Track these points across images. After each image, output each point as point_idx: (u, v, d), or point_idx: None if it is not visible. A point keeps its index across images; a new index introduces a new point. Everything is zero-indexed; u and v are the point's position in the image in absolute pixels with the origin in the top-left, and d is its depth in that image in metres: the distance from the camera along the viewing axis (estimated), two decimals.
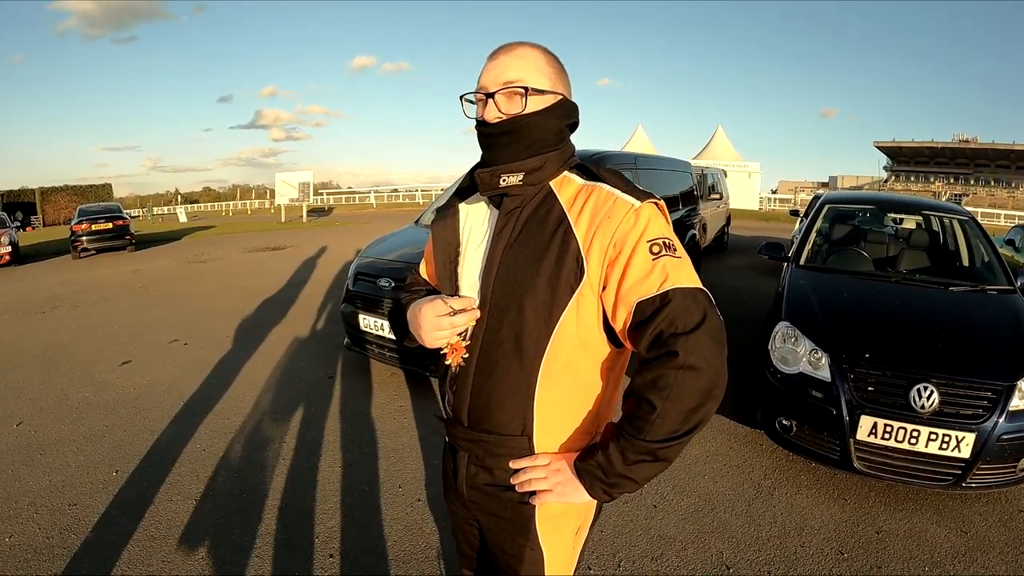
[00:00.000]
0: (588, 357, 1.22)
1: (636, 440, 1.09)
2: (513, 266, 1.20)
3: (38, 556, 2.81)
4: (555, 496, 1.21)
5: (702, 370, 1.05)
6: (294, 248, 15.30)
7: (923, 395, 2.98)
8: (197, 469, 3.60)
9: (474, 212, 1.34)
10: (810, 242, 4.83)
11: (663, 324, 1.08)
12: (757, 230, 18.28)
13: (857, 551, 2.80)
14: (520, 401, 1.22)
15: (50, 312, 8.35)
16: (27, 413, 4.54)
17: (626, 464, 1.11)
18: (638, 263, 1.11)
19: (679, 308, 1.08)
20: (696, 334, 1.06)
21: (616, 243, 1.13)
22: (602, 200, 1.18)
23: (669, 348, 1.07)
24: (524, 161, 1.21)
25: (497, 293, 1.21)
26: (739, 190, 26.05)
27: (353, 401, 4.61)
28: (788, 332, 3.54)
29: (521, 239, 1.21)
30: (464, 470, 1.34)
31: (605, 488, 1.16)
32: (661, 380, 1.07)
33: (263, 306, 8.10)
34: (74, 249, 15.64)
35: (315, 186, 34.45)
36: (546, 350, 1.18)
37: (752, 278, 9.49)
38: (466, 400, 1.28)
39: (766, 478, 3.44)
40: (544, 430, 1.24)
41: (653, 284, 1.09)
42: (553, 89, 1.23)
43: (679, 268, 1.11)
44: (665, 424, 1.07)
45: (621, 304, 1.13)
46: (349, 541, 2.90)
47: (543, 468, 1.22)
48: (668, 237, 1.15)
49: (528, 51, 1.23)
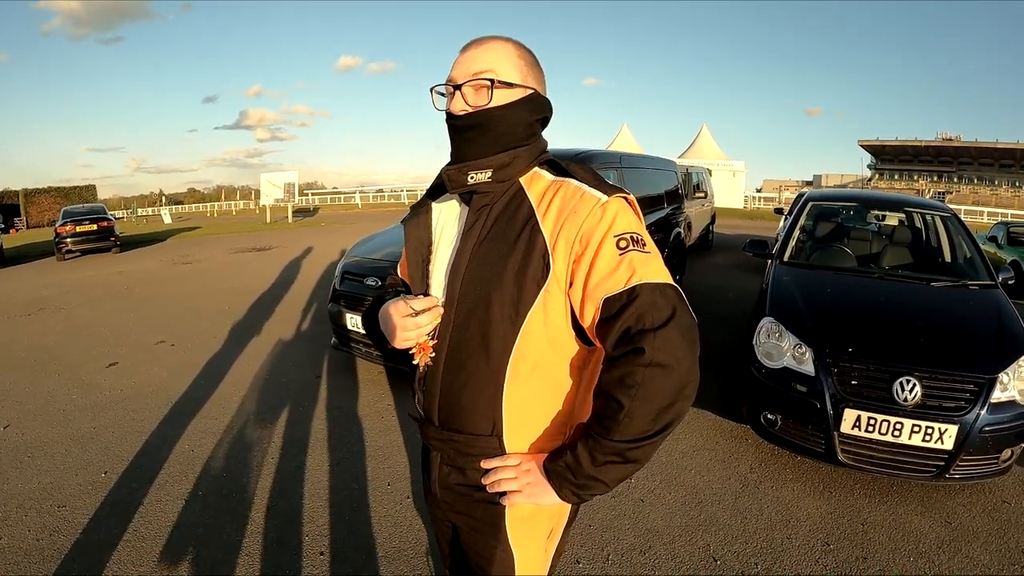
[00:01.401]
0: (557, 356, 1.21)
1: (604, 440, 1.07)
2: (481, 264, 1.18)
3: (28, 558, 2.80)
4: (524, 497, 1.19)
5: (671, 368, 1.03)
6: (280, 249, 15.24)
7: (906, 388, 3.04)
8: (186, 470, 3.59)
9: (446, 210, 1.32)
10: (794, 239, 4.89)
11: (630, 320, 1.05)
12: (742, 228, 18.39)
13: (843, 542, 2.84)
14: (488, 400, 1.20)
15: (35, 314, 8.28)
16: (14, 415, 4.51)
17: (595, 465, 1.09)
18: (604, 258, 1.09)
19: (647, 304, 1.05)
20: (664, 330, 1.04)
21: (582, 238, 1.11)
22: (569, 195, 1.16)
23: (636, 345, 1.04)
24: (492, 157, 1.19)
25: (465, 291, 1.19)
26: (724, 189, 26.23)
27: (341, 400, 4.61)
28: (772, 328, 3.58)
29: (490, 236, 1.19)
30: (437, 470, 1.33)
31: (574, 490, 1.13)
32: (628, 378, 1.04)
33: (249, 307, 8.07)
34: (59, 251, 15.48)
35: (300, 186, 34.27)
36: (513, 348, 1.17)
37: (737, 276, 9.58)
38: (436, 399, 1.26)
39: (752, 472, 3.48)
40: (514, 430, 1.22)
41: (620, 279, 1.07)
42: (523, 83, 1.21)
43: (647, 263, 1.09)
44: (634, 424, 1.05)
45: (588, 300, 1.10)
46: (339, 539, 2.90)
47: (513, 468, 1.20)
48: (636, 232, 1.12)
49: (499, 44, 1.21)
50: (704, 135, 35.13)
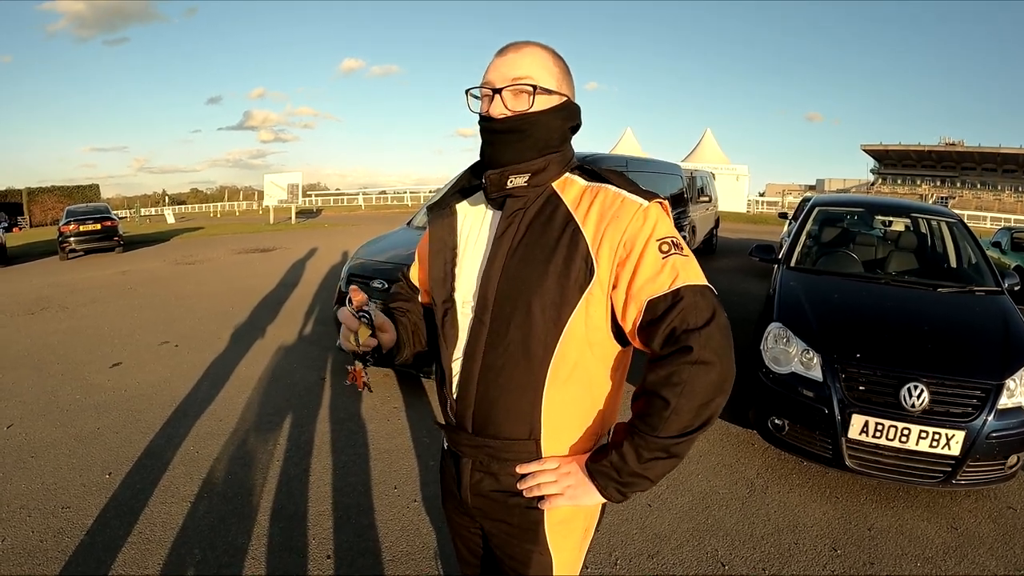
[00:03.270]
0: (595, 358, 1.22)
1: (651, 437, 1.10)
2: (519, 268, 1.19)
3: (32, 559, 2.80)
4: (566, 499, 1.21)
5: (714, 364, 1.07)
6: (283, 250, 15.24)
7: (913, 394, 3.03)
8: (191, 471, 3.58)
9: (473, 213, 1.32)
10: (800, 244, 4.87)
11: (675, 321, 1.09)
12: (745, 232, 18.41)
13: (850, 548, 2.84)
14: (527, 405, 1.21)
15: (39, 313, 8.28)
16: (18, 415, 4.51)
17: (640, 462, 1.12)
18: (649, 262, 1.12)
19: (690, 305, 1.09)
20: (708, 329, 1.08)
21: (626, 242, 1.13)
22: (609, 200, 1.18)
23: (683, 344, 1.08)
24: (531, 162, 1.21)
25: (502, 296, 1.20)
26: (727, 193, 26.22)
27: (347, 403, 4.61)
28: (780, 333, 3.57)
29: (526, 241, 1.20)
30: (468, 477, 1.31)
31: (619, 488, 1.16)
32: (675, 376, 1.08)
33: (254, 307, 8.07)
34: (62, 250, 15.49)
35: (304, 188, 34.33)
36: (555, 352, 1.18)
37: (741, 280, 9.55)
38: (470, 406, 1.25)
39: (759, 477, 3.47)
40: (552, 433, 1.23)
41: (664, 282, 1.10)
42: (559, 90, 1.22)
43: (687, 266, 1.13)
44: (679, 419, 1.08)
45: (632, 302, 1.13)
46: (346, 542, 2.89)
47: (552, 472, 1.21)
48: (675, 236, 1.16)
49: (537, 50, 1.23)
50: (708, 139, 35.17)
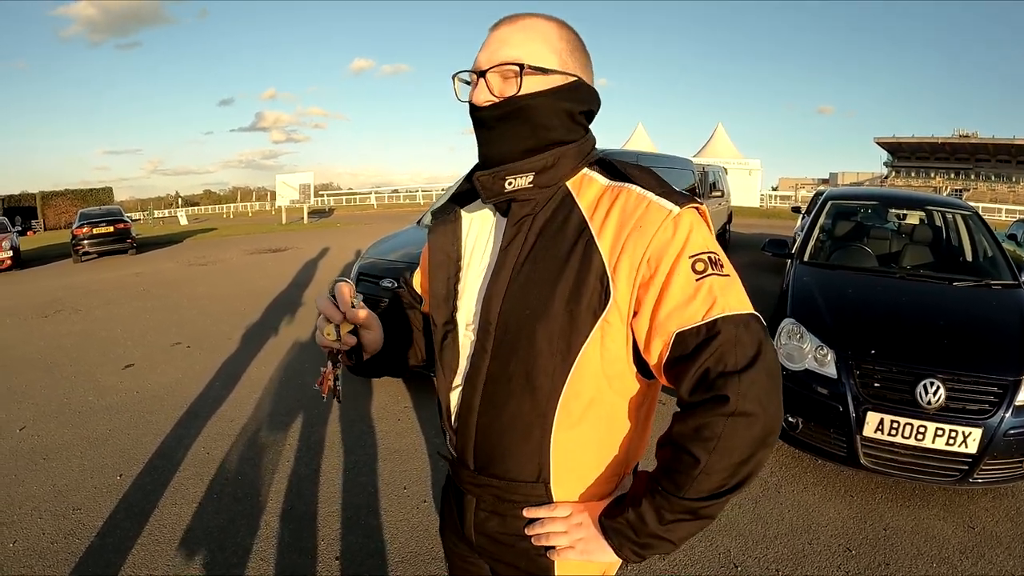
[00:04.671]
0: (615, 393, 1.03)
1: (674, 498, 0.92)
2: (525, 288, 1.00)
3: (43, 561, 2.81)
4: (577, 554, 1.04)
5: (756, 416, 0.87)
6: (295, 250, 15.28)
7: (929, 391, 2.97)
8: (201, 472, 3.59)
9: (478, 220, 1.14)
10: (814, 238, 4.82)
11: (710, 361, 0.89)
12: (758, 227, 18.26)
13: (865, 547, 2.79)
14: (534, 445, 1.03)
15: (52, 316, 8.34)
16: (30, 417, 4.54)
17: (661, 524, 0.94)
18: (679, 284, 0.92)
19: (729, 341, 0.89)
20: (750, 373, 0.88)
21: (651, 259, 0.93)
22: (632, 205, 0.97)
23: (718, 391, 0.88)
24: (534, 159, 1.00)
25: (505, 319, 1.01)
26: (740, 187, 26.03)
27: (357, 403, 4.60)
28: (793, 329, 3.52)
29: (534, 254, 1.01)
30: (472, 515, 1.15)
31: (635, 549, 0.98)
32: (707, 429, 0.89)
33: (265, 308, 8.08)
34: (75, 253, 15.65)
35: (316, 187, 34.42)
36: (564, 387, 0.99)
37: (754, 275, 9.44)
38: (470, 441, 1.09)
39: (772, 475, 3.42)
40: (563, 476, 1.05)
41: (697, 311, 0.90)
42: (562, 68, 1.01)
43: (728, 290, 0.92)
44: (710, 480, 0.89)
45: (657, 334, 0.93)
46: (354, 543, 2.88)
47: (563, 521, 1.04)
48: (714, 251, 0.95)
49: (535, 22, 1.02)
50: (719, 134, 34.98)
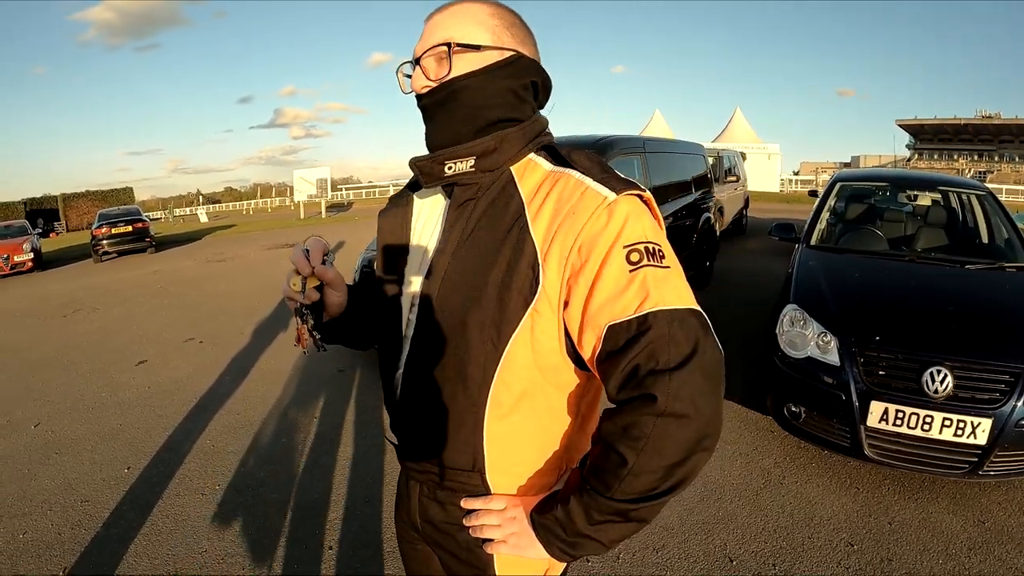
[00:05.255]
0: (550, 385, 1.00)
1: (602, 498, 0.89)
2: (460, 273, 0.99)
3: (49, 550, 2.88)
4: (509, 548, 1.01)
5: (689, 418, 0.83)
6: None
7: (936, 379, 2.88)
8: (206, 464, 3.63)
9: (428, 205, 1.12)
10: (821, 221, 4.71)
11: (640, 357, 0.85)
12: (777, 212, 17.98)
13: (868, 542, 2.71)
14: (467, 433, 1.01)
15: (70, 315, 8.49)
16: (45, 414, 4.63)
17: (590, 524, 0.91)
18: (611, 275, 0.87)
19: (662, 337, 0.84)
20: (683, 372, 0.83)
21: (582, 248, 0.89)
22: (569, 191, 0.94)
23: (646, 390, 0.84)
24: (475, 142, 0.98)
25: (440, 304, 1.00)
26: (759, 172, 25.77)
27: (364, 395, 4.62)
28: (796, 315, 3.45)
29: (472, 239, 0.99)
30: (416, 502, 1.15)
31: (563, 548, 0.95)
32: (635, 429, 0.84)
33: (278, 303, 8.12)
34: (95, 253, 15.92)
35: (335, 181, 34.61)
36: (494, 378, 0.97)
37: (769, 261, 9.31)
38: (408, 426, 1.10)
39: (776, 466, 3.36)
40: (498, 466, 1.03)
41: (630, 304, 0.86)
42: (497, 44, 0.99)
43: (664, 282, 0.87)
44: (639, 481, 0.86)
45: (588, 327, 0.89)
46: (350, 534, 2.90)
47: (497, 514, 1.02)
48: (653, 241, 0.90)
49: (465, 5, 1.01)
50: (738, 118, 34.58)
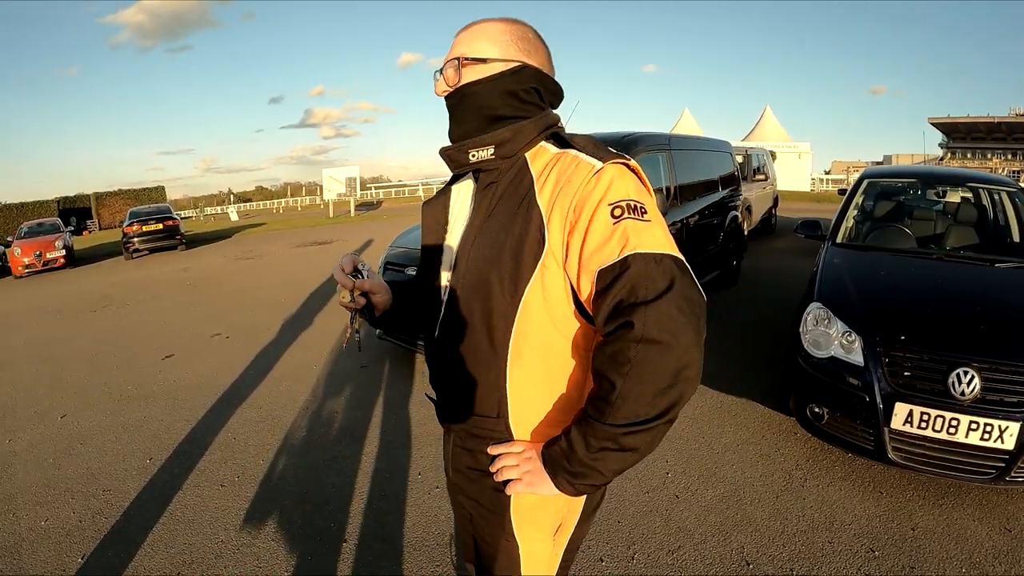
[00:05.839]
0: (561, 335, 1.15)
1: (597, 424, 1.01)
2: (483, 241, 1.17)
3: (69, 538, 2.94)
4: (524, 486, 1.14)
5: (667, 344, 0.96)
6: (340, 242, 15.53)
7: (963, 380, 2.78)
8: (226, 457, 3.68)
9: (463, 191, 1.31)
10: (847, 219, 4.61)
11: (622, 293, 0.99)
12: (807, 212, 17.66)
13: (890, 549, 2.62)
14: (492, 381, 1.17)
15: (101, 311, 8.68)
16: (72, 406, 4.73)
17: (589, 451, 1.03)
18: (598, 228, 1.03)
19: (640, 275, 0.98)
20: (658, 303, 0.97)
21: (576, 208, 1.06)
22: (566, 164, 1.13)
23: (626, 318, 0.98)
24: (493, 133, 1.18)
25: (469, 270, 1.18)
26: (789, 171, 25.33)
27: (384, 390, 4.64)
28: (820, 314, 3.37)
29: (494, 214, 1.18)
30: (451, 451, 1.32)
31: (568, 478, 1.08)
32: (620, 355, 0.98)
33: (305, 299, 8.23)
34: (126, 250, 16.24)
35: (365, 180, 34.82)
36: (514, 326, 1.13)
37: (797, 260, 9.14)
38: (444, 380, 1.27)
39: (798, 468, 3.29)
40: (519, 414, 1.18)
41: (613, 250, 1.01)
42: (503, 56, 1.19)
43: (644, 231, 1.02)
44: (627, 406, 0.98)
45: (584, 274, 1.06)
46: (365, 527, 2.91)
47: (515, 455, 1.16)
48: (634, 199, 1.06)
49: (481, 25, 1.22)
50: (768, 117, 34.04)
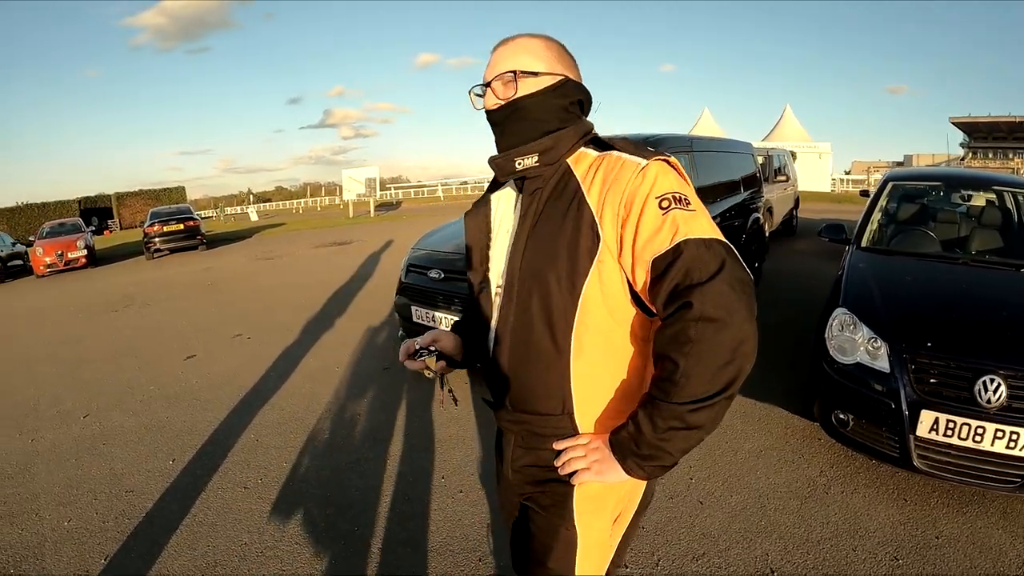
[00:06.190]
0: (619, 327, 1.20)
1: (663, 404, 1.06)
2: (537, 244, 1.22)
3: (93, 538, 2.97)
4: (592, 475, 1.18)
5: (723, 321, 1.01)
6: (360, 243, 15.58)
7: (989, 388, 2.74)
8: (249, 459, 3.70)
9: (504, 199, 1.36)
10: (872, 223, 4.55)
11: (678, 276, 1.05)
12: (828, 213, 17.51)
13: (913, 556, 2.60)
14: (556, 378, 1.22)
15: (122, 311, 8.79)
16: (94, 406, 4.79)
17: (656, 432, 1.07)
18: (648, 219, 1.09)
19: (692, 258, 1.04)
20: (712, 283, 1.02)
21: (626, 203, 1.12)
22: (611, 165, 1.18)
23: (684, 299, 1.03)
24: (536, 142, 1.23)
25: (524, 272, 1.23)
26: (810, 172, 25.13)
27: (406, 392, 4.65)
28: (846, 319, 3.34)
29: (543, 217, 1.23)
30: (511, 452, 1.35)
31: (638, 461, 1.11)
32: (681, 335, 1.03)
33: (325, 300, 8.27)
34: (147, 250, 16.44)
35: (384, 181, 34.99)
36: (575, 321, 1.18)
37: (818, 262, 9.06)
38: (505, 382, 1.30)
39: (821, 475, 3.26)
40: (584, 407, 1.23)
41: (665, 238, 1.07)
42: (549, 71, 1.24)
43: (691, 219, 1.08)
44: (691, 383, 1.03)
45: (638, 264, 1.11)
46: (388, 531, 2.91)
47: (582, 447, 1.20)
48: (678, 191, 1.12)
49: (523, 40, 1.26)
50: (788, 117, 33.75)
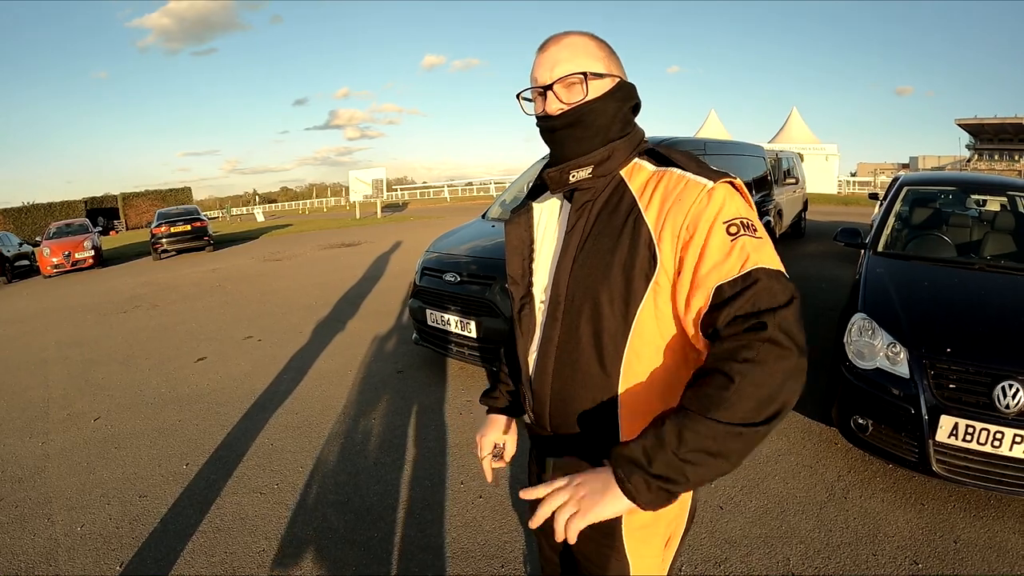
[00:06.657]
0: (670, 353, 1.13)
1: (701, 418, 0.92)
2: (587, 261, 1.14)
3: (107, 545, 2.95)
4: (581, 517, 0.97)
5: (789, 349, 0.94)
6: (368, 244, 15.58)
7: (1008, 393, 2.72)
8: (263, 463, 3.69)
9: (547, 209, 1.30)
10: (888, 227, 4.53)
11: (747, 305, 0.98)
12: (836, 215, 17.50)
13: (933, 561, 2.58)
14: (603, 404, 1.14)
15: (131, 312, 8.79)
16: (105, 409, 4.79)
17: (681, 447, 0.92)
18: (715, 244, 1.02)
19: (765, 288, 0.98)
20: (784, 311, 0.96)
21: (689, 225, 1.04)
22: (673, 183, 1.10)
23: (757, 320, 0.96)
24: (592, 153, 1.16)
25: (572, 290, 1.15)
26: (816, 174, 25.10)
27: (421, 396, 4.62)
28: (865, 324, 3.32)
29: (595, 232, 1.15)
30: (550, 476, 1.26)
31: (646, 480, 0.93)
32: (745, 350, 0.94)
33: (336, 302, 8.27)
34: (154, 251, 16.48)
35: (390, 182, 35.02)
36: (626, 347, 1.11)
37: (829, 265, 9.05)
38: (546, 405, 1.22)
39: (840, 480, 3.24)
40: (630, 434, 1.07)
41: (734, 266, 1.00)
42: (609, 72, 1.17)
43: (760, 248, 1.02)
44: (740, 404, 0.92)
45: (698, 289, 1.03)
46: (408, 537, 2.89)
47: (561, 490, 1.00)
48: (746, 217, 1.05)
49: (577, 38, 1.18)
50: (794, 118, 33.72)
